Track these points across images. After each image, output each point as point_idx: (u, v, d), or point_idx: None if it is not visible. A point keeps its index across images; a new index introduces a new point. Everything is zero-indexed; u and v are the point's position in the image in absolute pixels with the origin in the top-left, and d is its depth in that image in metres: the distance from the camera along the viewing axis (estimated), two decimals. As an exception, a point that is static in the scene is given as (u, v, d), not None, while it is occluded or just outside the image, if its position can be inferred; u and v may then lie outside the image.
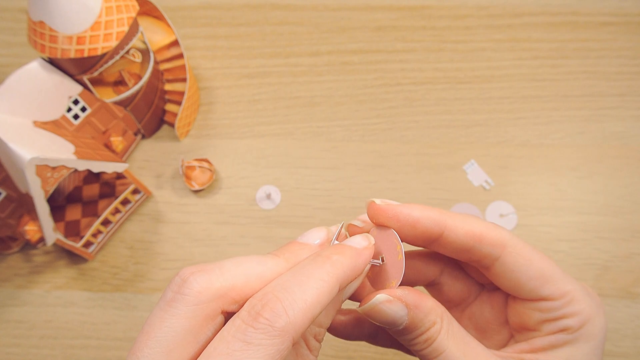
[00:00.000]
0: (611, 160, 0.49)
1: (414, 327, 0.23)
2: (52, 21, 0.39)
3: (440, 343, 0.23)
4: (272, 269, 0.20)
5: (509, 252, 0.24)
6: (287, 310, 0.18)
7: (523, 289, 0.24)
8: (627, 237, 0.46)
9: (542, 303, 0.24)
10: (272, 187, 0.49)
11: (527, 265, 0.24)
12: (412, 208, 0.24)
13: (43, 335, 0.44)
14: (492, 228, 0.24)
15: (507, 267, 0.24)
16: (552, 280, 0.24)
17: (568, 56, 0.54)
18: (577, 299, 0.24)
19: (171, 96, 0.51)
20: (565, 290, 0.24)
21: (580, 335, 0.24)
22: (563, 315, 0.24)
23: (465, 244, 0.24)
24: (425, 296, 0.24)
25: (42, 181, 0.38)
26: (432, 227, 0.24)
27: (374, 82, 0.53)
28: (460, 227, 0.24)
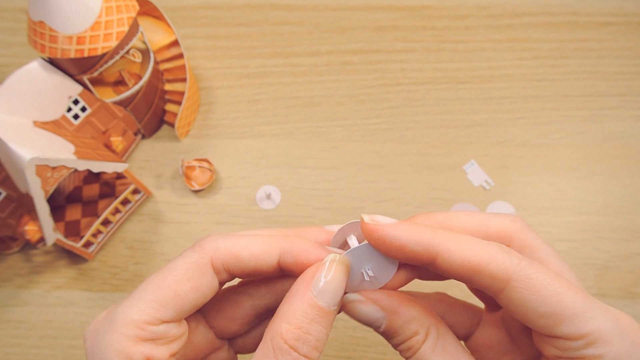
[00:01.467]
0: (611, 160, 0.49)
1: (393, 333, 0.23)
2: (52, 21, 0.39)
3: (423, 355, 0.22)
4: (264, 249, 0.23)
5: (513, 287, 0.20)
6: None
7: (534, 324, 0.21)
8: (627, 237, 0.46)
9: (557, 341, 0.21)
10: (272, 187, 0.49)
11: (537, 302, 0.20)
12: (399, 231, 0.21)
13: (43, 335, 0.44)
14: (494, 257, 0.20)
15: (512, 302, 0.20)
16: (570, 318, 0.20)
17: (568, 56, 0.54)
18: (603, 341, 0.20)
19: (171, 96, 0.51)
20: (587, 330, 0.20)
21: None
22: (581, 357, 0.20)
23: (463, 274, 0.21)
24: (411, 303, 0.23)
25: (42, 181, 0.38)
26: (421, 253, 0.21)
27: (374, 82, 0.53)
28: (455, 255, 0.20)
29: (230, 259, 0.23)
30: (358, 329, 0.43)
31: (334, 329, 0.43)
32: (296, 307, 0.21)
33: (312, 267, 0.22)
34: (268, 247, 0.23)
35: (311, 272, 0.22)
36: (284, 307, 0.21)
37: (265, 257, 0.23)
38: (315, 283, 0.21)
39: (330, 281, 0.21)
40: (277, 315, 0.21)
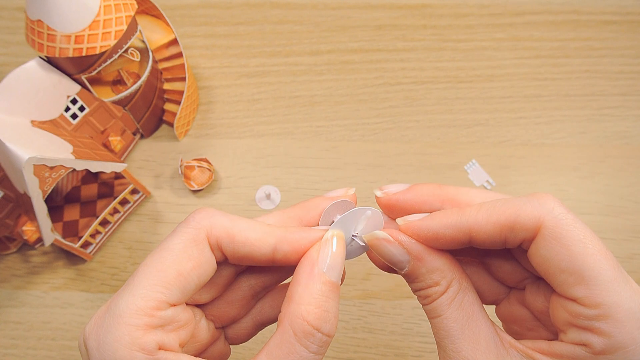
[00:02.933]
0: (613, 160, 0.48)
1: (414, 278, 0.23)
2: (50, 20, 0.39)
3: (439, 306, 0.22)
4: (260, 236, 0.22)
5: (543, 235, 0.20)
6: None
7: (554, 280, 0.20)
8: (629, 238, 0.45)
9: (572, 304, 0.20)
10: (272, 187, 0.48)
11: (562, 254, 0.20)
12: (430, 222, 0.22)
13: (41, 336, 0.44)
14: (526, 207, 0.20)
15: (537, 254, 0.21)
16: (590, 282, 0.19)
17: (570, 55, 0.53)
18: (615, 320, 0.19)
19: (170, 95, 0.51)
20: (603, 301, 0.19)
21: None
22: (590, 328, 0.20)
23: (498, 238, 0.21)
24: (437, 254, 0.23)
25: (40, 181, 0.38)
26: (456, 235, 0.22)
27: (374, 82, 0.53)
28: (486, 222, 0.21)
29: (225, 238, 0.22)
30: (358, 330, 0.43)
31: (334, 330, 0.43)
32: (312, 287, 0.21)
33: (314, 247, 0.22)
34: (264, 235, 0.23)
35: (315, 252, 0.22)
36: (298, 290, 0.21)
37: (260, 245, 0.22)
38: (322, 260, 0.22)
39: (335, 256, 0.22)
40: (291, 300, 0.21)
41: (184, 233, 0.22)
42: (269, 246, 0.23)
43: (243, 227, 0.23)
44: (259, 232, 0.23)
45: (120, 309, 0.20)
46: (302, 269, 0.22)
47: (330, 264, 0.22)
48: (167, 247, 0.22)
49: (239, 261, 0.23)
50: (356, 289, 0.44)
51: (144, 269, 0.21)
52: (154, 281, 0.21)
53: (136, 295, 0.20)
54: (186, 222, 0.23)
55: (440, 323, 0.22)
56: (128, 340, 0.19)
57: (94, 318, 0.21)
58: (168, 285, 0.21)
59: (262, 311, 0.27)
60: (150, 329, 0.20)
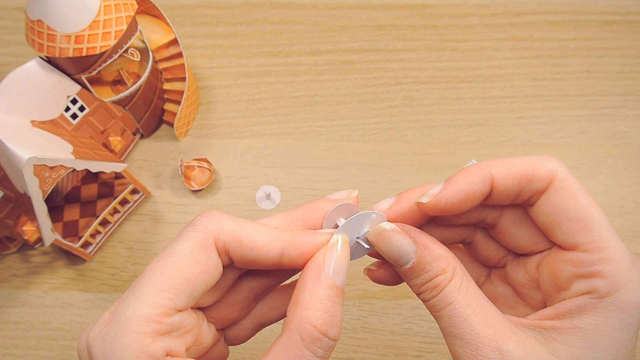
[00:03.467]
0: (613, 160, 0.48)
1: (421, 269, 0.23)
2: (50, 20, 0.39)
3: (449, 293, 0.22)
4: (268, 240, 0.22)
5: (555, 187, 0.22)
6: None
7: (559, 230, 0.22)
8: (629, 238, 0.45)
9: (574, 254, 0.22)
10: (272, 187, 0.48)
11: (571, 203, 0.22)
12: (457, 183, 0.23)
13: (41, 336, 0.44)
14: (540, 161, 0.23)
15: (548, 204, 0.22)
16: (593, 229, 0.22)
17: (570, 55, 0.53)
18: (615, 261, 0.21)
19: (170, 95, 0.51)
20: (604, 245, 0.21)
21: (609, 304, 0.21)
22: (594, 273, 0.21)
23: (516, 187, 0.23)
24: (438, 243, 0.23)
25: (40, 181, 0.38)
26: (482, 188, 0.23)
27: (374, 82, 0.53)
28: (507, 173, 0.23)
29: (232, 242, 0.22)
30: (358, 330, 0.43)
31: (334, 330, 0.43)
32: (319, 293, 0.21)
33: (320, 251, 0.23)
34: (272, 239, 0.23)
35: (321, 257, 0.22)
36: (305, 295, 0.21)
37: (268, 249, 0.22)
38: (327, 265, 0.22)
39: (340, 260, 0.22)
40: (297, 305, 0.21)
41: (190, 237, 0.22)
42: (276, 251, 0.23)
43: (251, 231, 0.22)
44: (266, 237, 0.22)
45: (127, 316, 0.20)
46: (309, 273, 0.22)
47: (336, 269, 0.22)
48: (173, 252, 0.21)
49: (246, 265, 0.23)
50: (356, 288, 0.44)
51: (150, 274, 0.21)
52: (161, 287, 0.20)
53: (143, 301, 0.20)
54: (192, 225, 0.22)
55: (452, 311, 0.22)
56: (136, 348, 0.19)
57: (99, 325, 0.21)
58: (175, 291, 0.20)
59: (262, 312, 0.27)
60: (158, 336, 0.20)
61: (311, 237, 0.23)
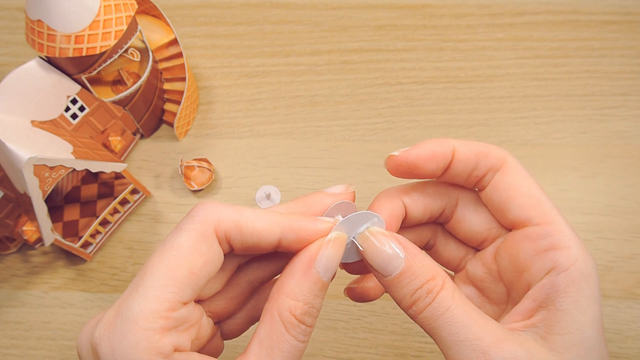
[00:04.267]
0: (614, 160, 0.48)
1: (410, 274, 0.22)
2: (50, 20, 0.39)
3: (444, 299, 0.22)
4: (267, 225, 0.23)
5: (508, 167, 0.25)
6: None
7: (511, 206, 0.24)
8: (629, 238, 0.45)
9: (530, 229, 0.24)
10: (272, 187, 0.48)
11: (522, 181, 0.24)
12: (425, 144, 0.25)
13: (41, 336, 0.44)
14: (496, 147, 0.25)
15: (503, 181, 0.25)
16: (542, 203, 0.24)
17: (570, 55, 0.53)
18: (566, 232, 0.23)
19: (170, 95, 0.51)
20: (552, 218, 0.24)
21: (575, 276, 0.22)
22: (551, 246, 0.23)
23: (473, 160, 0.25)
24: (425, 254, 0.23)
25: (40, 181, 0.38)
26: (445, 152, 0.25)
27: (374, 82, 0.53)
28: (467, 146, 0.25)
29: (233, 230, 0.22)
30: (358, 330, 0.43)
31: (334, 330, 0.43)
32: (303, 285, 0.22)
33: (314, 243, 0.23)
34: (271, 224, 0.23)
35: (315, 249, 0.23)
36: (290, 283, 0.22)
37: (267, 234, 0.23)
38: (319, 260, 0.22)
39: (332, 258, 0.22)
40: (281, 291, 0.22)
41: (191, 229, 0.22)
42: (275, 235, 0.23)
43: (251, 217, 0.22)
44: (265, 222, 0.23)
45: (134, 313, 0.19)
46: (299, 263, 0.22)
47: (327, 266, 0.22)
48: (174, 245, 0.21)
49: (246, 251, 0.24)
50: (356, 289, 0.44)
51: (153, 269, 0.20)
52: (166, 281, 0.20)
53: (149, 297, 0.20)
54: (191, 217, 0.22)
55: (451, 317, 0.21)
56: (145, 345, 0.19)
57: (104, 323, 0.20)
58: (181, 284, 0.20)
59: (256, 306, 0.28)
60: (166, 332, 0.20)
61: (310, 223, 0.23)
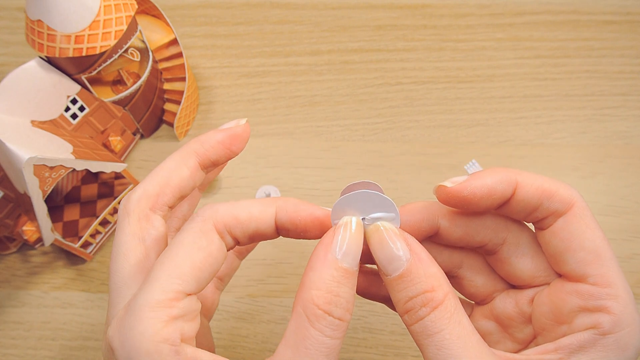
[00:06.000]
0: (614, 160, 0.48)
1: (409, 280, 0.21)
2: (50, 20, 0.39)
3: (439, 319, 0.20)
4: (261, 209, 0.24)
5: (574, 213, 0.22)
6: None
7: (572, 257, 0.22)
8: (629, 238, 0.45)
9: (583, 286, 0.22)
10: (272, 187, 0.48)
11: (587, 232, 0.22)
12: (484, 177, 0.23)
13: (41, 336, 0.44)
14: (564, 186, 0.23)
15: (566, 229, 0.22)
16: (605, 262, 0.22)
17: (570, 55, 0.53)
18: (622, 299, 0.21)
19: (170, 95, 0.51)
20: (613, 281, 0.22)
21: (610, 342, 0.21)
22: (601, 308, 0.21)
23: (536, 201, 0.23)
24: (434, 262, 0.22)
25: (40, 181, 0.38)
26: (506, 189, 0.23)
27: (374, 82, 0.53)
28: (531, 184, 0.23)
29: (231, 220, 0.23)
30: (358, 330, 0.43)
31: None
32: (322, 272, 0.21)
33: (329, 231, 0.22)
34: (264, 207, 0.23)
35: (329, 237, 0.22)
36: (310, 275, 0.21)
37: (263, 217, 0.23)
38: (334, 246, 0.21)
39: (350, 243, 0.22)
40: (303, 285, 0.21)
41: (191, 228, 0.22)
42: (270, 215, 0.23)
43: (244, 205, 0.23)
44: (258, 206, 0.23)
45: (140, 305, 0.20)
46: (316, 254, 0.22)
47: (345, 251, 0.21)
48: (177, 244, 0.22)
49: (250, 240, 0.24)
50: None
51: (157, 266, 0.21)
52: (169, 275, 0.21)
53: (154, 290, 0.20)
54: (191, 219, 0.23)
55: (441, 341, 0.20)
56: (151, 332, 0.20)
57: (115, 320, 0.21)
58: (184, 277, 0.21)
59: None
60: (171, 320, 0.20)
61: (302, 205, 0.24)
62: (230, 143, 0.26)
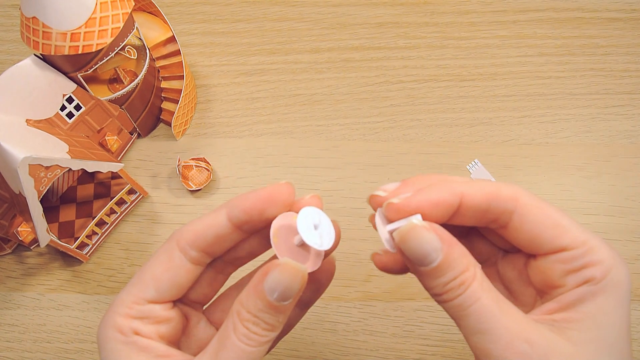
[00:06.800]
0: (619, 160, 0.48)
1: (447, 267, 0.22)
2: (45, 17, 0.38)
3: (474, 291, 0.22)
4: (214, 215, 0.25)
5: (523, 204, 0.24)
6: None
7: (542, 240, 0.24)
8: (634, 239, 0.45)
9: (562, 254, 0.24)
10: (316, 211, 0.47)
11: (542, 215, 0.24)
12: (427, 194, 0.24)
13: (36, 339, 0.43)
14: (505, 185, 0.25)
15: (523, 219, 0.24)
16: (569, 229, 0.24)
17: (574, 53, 0.53)
18: (597, 248, 0.23)
19: (168, 94, 0.50)
20: (584, 238, 0.23)
21: (606, 285, 0.23)
22: (585, 265, 0.23)
23: (484, 205, 0.24)
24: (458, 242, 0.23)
25: (35, 181, 0.37)
26: (452, 200, 0.24)
27: (375, 80, 0.52)
28: (476, 191, 0.24)
29: (191, 236, 0.25)
30: (359, 333, 0.42)
31: (334, 333, 0.42)
32: (250, 297, 0.23)
33: (270, 263, 0.23)
34: (216, 212, 0.25)
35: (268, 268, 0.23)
36: (246, 289, 0.23)
37: (217, 221, 0.25)
38: (267, 280, 0.23)
39: (278, 282, 0.23)
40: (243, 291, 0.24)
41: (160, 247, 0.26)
42: (222, 217, 0.25)
43: (201, 218, 0.25)
44: (212, 213, 0.25)
45: (113, 302, 0.25)
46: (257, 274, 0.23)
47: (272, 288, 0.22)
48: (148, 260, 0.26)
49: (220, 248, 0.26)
50: (357, 290, 0.44)
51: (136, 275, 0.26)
52: (136, 282, 0.25)
53: (124, 292, 0.25)
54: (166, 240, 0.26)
55: (481, 307, 0.22)
56: (112, 323, 0.24)
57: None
58: (145, 285, 0.25)
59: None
60: (128, 318, 0.24)
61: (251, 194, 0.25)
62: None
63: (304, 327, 0.43)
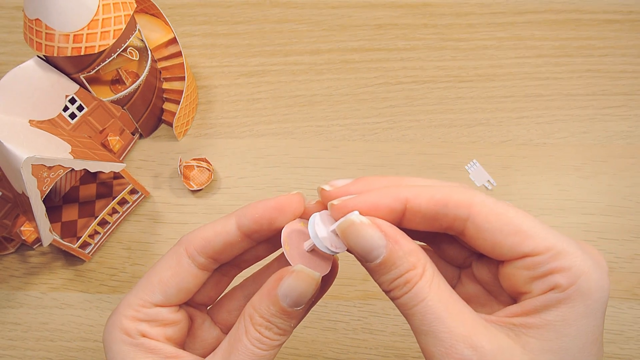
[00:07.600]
0: (616, 160, 0.48)
1: (391, 264, 0.22)
2: (48, 19, 0.39)
3: (420, 290, 0.22)
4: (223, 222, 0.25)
5: (477, 211, 0.22)
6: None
7: (501, 248, 0.22)
8: (631, 238, 0.45)
9: (526, 260, 0.22)
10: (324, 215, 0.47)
11: (500, 222, 0.22)
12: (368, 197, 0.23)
13: (39, 337, 0.44)
14: (457, 190, 0.23)
15: (478, 227, 0.22)
16: (533, 235, 0.22)
17: (571, 54, 0.53)
18: (566, 253, 0.22)
19: (169, 95, 0.51)
20: (550, 244, 0.22)
21: (573, 294, 0.21)
22: (551, 271, 0.22)
23: (431, 212, 0.23)
24: (407, 237, 0.23)
25: (38, 181, 0.38)
26: (393, 204, 0.23)
27: (374, 81, 0.53)
28: (422, 197, 0.23)
29: (200, 242, 0.25)
30: (359, 332, 0.43)
31: (334, 331, 0.43)
32: (263, 302, 0.23)
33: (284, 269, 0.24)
34: (225, 220, 0.25)
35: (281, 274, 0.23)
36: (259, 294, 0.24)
37: (227, 229, 0.25)
38: (280, 286, 0.23)
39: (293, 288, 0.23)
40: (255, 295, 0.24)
41: (168, 252, 0.26)
42: (232, 225, 0.25)
43: (210, 226, 0.25)
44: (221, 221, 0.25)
45: (120, 304, 0.25)
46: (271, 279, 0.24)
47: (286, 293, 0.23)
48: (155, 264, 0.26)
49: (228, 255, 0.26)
50: (356, 289, 0.44)
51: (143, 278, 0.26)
52: (144, 285, 0.26)
53: (131, 294, 0.25)
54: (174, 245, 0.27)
55: (424, 308, 0.22)
56: (119, 325, 0.25)
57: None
58: (152, 288, 0.25)
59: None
60: (135, 320, 0.25)
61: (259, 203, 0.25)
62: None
63: (304, 326, 0.43)
